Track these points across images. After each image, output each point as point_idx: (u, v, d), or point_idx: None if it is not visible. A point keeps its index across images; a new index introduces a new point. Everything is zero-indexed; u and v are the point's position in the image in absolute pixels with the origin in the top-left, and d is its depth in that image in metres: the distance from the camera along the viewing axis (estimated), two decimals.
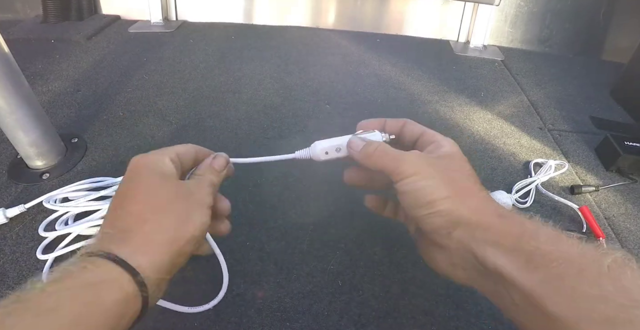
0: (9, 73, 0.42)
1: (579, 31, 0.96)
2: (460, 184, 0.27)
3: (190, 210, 0.28)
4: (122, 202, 0.27)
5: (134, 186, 0.28)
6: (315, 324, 0.35)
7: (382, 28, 1.00)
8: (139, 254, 0.24)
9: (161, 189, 0.28)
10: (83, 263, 0.22)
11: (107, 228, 0.26)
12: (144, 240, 0.25)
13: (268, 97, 0.68)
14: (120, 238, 0.25)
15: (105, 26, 0.91)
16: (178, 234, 0.27)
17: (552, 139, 0.63)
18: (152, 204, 0.27)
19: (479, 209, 0.26)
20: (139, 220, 0.26)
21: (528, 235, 0.23)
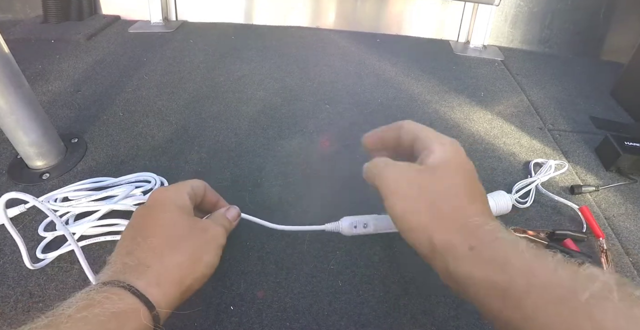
0: (9, 73, 0.42)
1: (579, 31, 0.96)
2: (441, 206, 0.26)
3: (204, 249, 0.30)
4: (142, 232, 0.29)
5: (155, 217, 0.30)
6: (315, 324, 0.35)
7: (382, 28, 1.00)
8: (154, 288, 0.26)
9: (179, 224, 0.30)
10: (106, 292, 0.24)
11: (127, 258, 0.27)
12: (160, 276, 0.27)
13: (268, 97, 0.68)
14: (139, 271, 0.26)
15: (105, 26, 0.91)
16: (190, 272, 0.29)
17: (552, 139, 0.63)
18: (170, 239, 0.29)
19: (452, 240, 0.25)
20: (157, 254, 0.28)
21: (501, 267, 0.22)
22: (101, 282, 0.25)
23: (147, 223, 0.30)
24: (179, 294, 0.27)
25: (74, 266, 0.38)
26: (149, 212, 0.31)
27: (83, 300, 0.23)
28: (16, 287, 0.36)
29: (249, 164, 0.52)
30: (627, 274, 0.42)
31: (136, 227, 0.30)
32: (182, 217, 0.31)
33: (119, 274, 0.26)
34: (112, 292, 0.24)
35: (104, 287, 0.25)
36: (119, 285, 0.25)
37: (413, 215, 0.26)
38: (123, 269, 0.27)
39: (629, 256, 0.44)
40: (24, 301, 0.35)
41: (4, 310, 0.34)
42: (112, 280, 0.25)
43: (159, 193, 0.33)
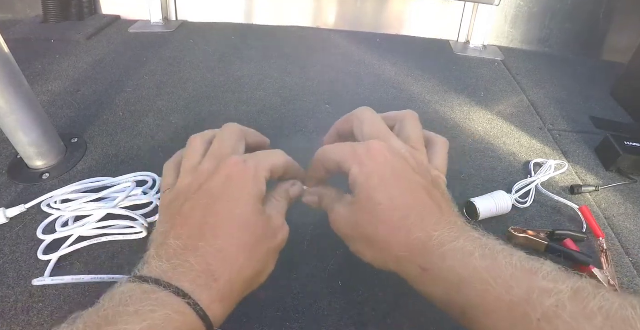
0: (9, 73, 0.42)
1: (579, 31, 0.96)
2: (376, 238, 0.25)
3: (271, 258, 0.27)
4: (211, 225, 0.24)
5: (228, 210, 0.25)
6: (315, 324, 0.35)
7: (382, 28, 1.00)
8: (218, 304, 0.23)
9: (255, 225, 0.25)
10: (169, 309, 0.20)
11: (192, 256, 0.23)
12: (226, 291, 0.23)
13: (268, 97, 0.68)
14: (206, 283, 0.22)
15: (105, 26, 0.91)
16: (253, 285, 0.26)
17: (552, 139, 0.63)
18: (243, 245, 0.24)
19: (402, 264, 0.25)
20: (227, 264, 0.23)
21: (456, 287, 0.22)
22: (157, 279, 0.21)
23: (218, 212, 0.24)
24: (233, 309, 0.25)
25: (74, 266, 0.38)
26: (222, 195, 0.25)
27: (145, 320, 0.19)
28: (16, 287, 0.36)
29: None
30: (627, 274, 0.42)
31: (204, 210, 0.24)
32: (258, 214, 0.26)
33: (180, 275, 0.22)
34: (175, 309, 0.20)
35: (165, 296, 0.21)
36: (184, 300, 0.21)
37: (366, 254, 0.27)
38: (185, 270, 0.22)
39: (629, 256, 0.44)
40: (24, 301, 0.35)
41: (4, 310, 0.34)
42: (172, 283, 0.21)
43: (236, 171, 0.26)
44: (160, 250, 0.23)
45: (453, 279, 0.22)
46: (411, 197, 0.25)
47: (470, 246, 0.23)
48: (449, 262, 0.22)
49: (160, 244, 0.24)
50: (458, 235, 0.24)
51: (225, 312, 0.23)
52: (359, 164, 0.26)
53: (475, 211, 0.45)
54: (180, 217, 0.25)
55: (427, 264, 0.23)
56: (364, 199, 0.26)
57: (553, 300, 0.19)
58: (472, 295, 0.21)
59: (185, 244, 0.23)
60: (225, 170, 0.26)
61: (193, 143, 0.30)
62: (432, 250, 0.23)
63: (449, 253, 0.23)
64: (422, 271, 0.24)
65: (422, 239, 0.24)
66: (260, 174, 0.27)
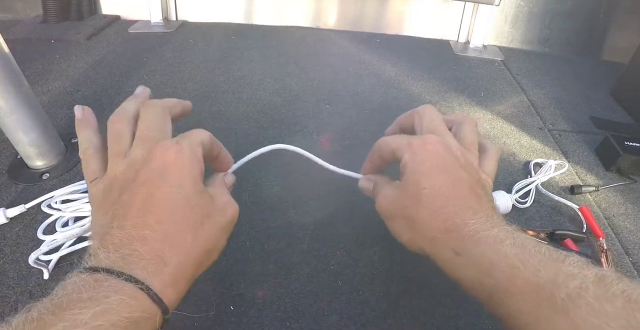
0: (9, 73, 0.42)
1: (579, 31, 0.96)
2: (418, 219, 0.27)
3: (221, 236, 0.27)
4: (154, 209, 0.24)
5: (171, 193, 0.24)
6: (315, 324, 0.35)
7: (382, 28, 1.00)
8: (170, 288, 0.23)
9: (198, 204, 0.25)
10: (123, 295, 0.20)
11: (139, 244, 0.23)
12: (177, 275, 0.23)
13: (268, 97, 0.68)
14: (156, 268, 0.23)
15: (105, 26, 0.91)
16: (204, 265, 0.26)
17: (552, 139, 0.63)
18: (189, 226, 0.24)
19: (436, 247, 0.26)
20: (174, 247, 0.23)
21: (486, 270, 0.23)
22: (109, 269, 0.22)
23: (159, 200, 0.24)
24: (187, 289, 0.25)
25: (74, 266, 0.38)
26: (161, 183, 0.24)
27: (99, 304, 0.20)
28: (16, 287, 0.36)
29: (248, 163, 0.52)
30: (627, 274, 0.42)
31: (145, 199, 0.24)
32: (201, 193, 0.26)
33: (131, 265, 0.22)
34: (129, 295, 0.21)
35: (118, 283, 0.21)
36: (137, 285, 0.21)
37: (404, 234, 0.28)
38: (135, 259, 0.22)
39: (629, 256, 0.44)
40: (24, 301, 0.35)
41: (4, 310, 0.34)
42: (123, 271, 0.22)
43: (172, 156, 0.25)
44: (105, 241, 0.23)
45: (484, 263, 0.23)
46: (454, 188, 0.27)
47: (503, 235, 0.24)
48: (481, 248, 0.24)
49: (103, 236, 0.24)
50: (492, 225, 0.25)
51: (178, 294, 0.24)
52: (412, 152, 0.28)
53: None
54: (120, 208, 0.24)
55: (460, 248, 0.25)
56: (410, 182, 0.28)
57: (577, 283, 0.20)
58: (501, 277, 0.22)
59: (130, 233, 0.23)
60: (160, 155, 0.25)
61: (115, 126, 0.29)
62: (466, 236, 0.24)
63: (481, 239, 0.24)
64: (454, 255, 0.25)
65: (459, 224, 0.25)
66: (196, 153, 0.27)
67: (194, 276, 0.25)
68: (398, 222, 0.29)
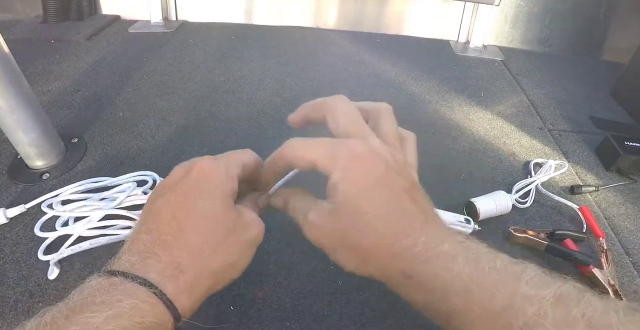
0: (9, 73, 0.42)
1: (579, 31, 0.96)
2: (360, 247, 0.24)
3: (243, 253, 0.27)
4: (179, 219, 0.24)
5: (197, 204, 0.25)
6: (315, 324, 0.35)
7: (382, 28, 1.00)
8: (185, 296, 0.23)
9: (224, 218, 0.25)
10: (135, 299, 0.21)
11: (159, 249, 0.23)
12: (194, 284, 0.24)
13: (268, 97, 0.68)
14: (172, 274, 0.23)
15: (105, 26, 0.91)
16: (222, 279, 0.26)
17: (552, 139, 0.63)
18: (211, 238, 0.25)
19: (385, 272, 0.24)
20: (194, 256, 0.24)
21: (440, 294, 0.22)
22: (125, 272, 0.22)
23: (187, 208, 0.25)
24: (203, 298, 0.25)
25: (74, 266, 0.38)
26: (191, 193, 0.25)
27: (111, 308, 0.20)
28: (16, 287, 0.36)
29: None
30: (627, 274, 0.42)
31: (174, 207, 0.25)
32: (228, 209, 0.26)
33: (148, 267, 0.22)
34: (142, 299, 0.21)
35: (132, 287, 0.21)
36: (150, 289, 0.22)
37: (348, 264, 0.26)
38: (153, 262, 0.23)
39: (629, 256, 0.44)
40: (24, 301, 0.35)
41: (4, 310, 0.34)
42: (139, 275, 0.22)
43: (207, 171, 0.26)
44: (132, 245, 0.24)
45: (436, 285, 0.22)
46: (396, 203, 0.24)
47: (454, 250, 0.22)
48: (432, 268, 0.22)
49: (133, 240, 0.24)
50: (443, 238, 0.23)
51: (193, 303, 0.24)
52: (341, 169, 0.25)
53: (475, 211, 0.45)
54: (151, 213, 0.25)
55: (411, 271, 0.23)
56: (347, 207, 0.24)
57: (535, 308, 0.19)
58: (456, 301, 0.21)
59: (154, 238, 0.24)
60: (197, 168, 0.26)
61: None
62: (416, 257, 0.23)
63: (432, 259, 0.22)
64: (405, 279, 0.23)
65: (408, 245, 0.23)
66: (231, 171, 0.27)
67: (210, 289, 0.25)
68: (340, 253, 0.26)
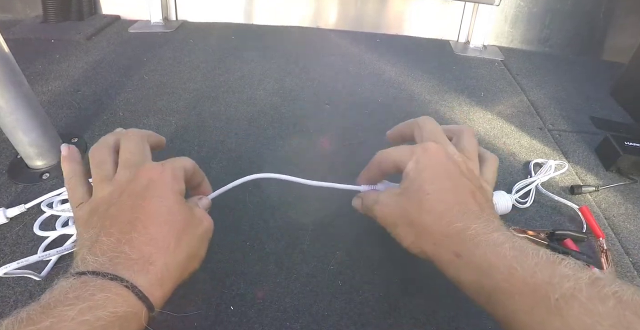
0: (9, 73, 0.42)
1: (579, 31, 0.96)
2: (421, 223, 0.28)
3: (201, 244, 0.29)
4: (141, 217, 0.26)
5: (154, 203, 0.26)
6: (315, 324, 0.35)
7: (382, 28, 1.00)
8: (157, 288, 0.24)
9: (179, 214, 0.27)
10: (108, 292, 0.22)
11: (127, 247, 0.24)
12: (163, 275, 0.25)
13: (268, 97, 0.68)
14: (142, 268, 0.24)
15: (105, 26, 0.91)
16: (187, 269, 0.27)
17: (552, 139, 0.63)
18: (173, 231, 0.26)
19: (437, 249, 0.27)
20: (160, 249, 0.25)
21: (486, 272, 0.24)
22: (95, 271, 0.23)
23: (145, 208, 0.26)
24: (172, 290, 0.26)
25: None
26: (146, 194, 0.27)
27: (85, 301, 0.21)
28: (16, 287, 0.36)
29: (249, 163, 0.52)
30: (627, 274, 0.42)
31: (132, 208, 0.26)
32: (181, 205, 0.28)
33: (117, 266, 0.23)
34: (114, 292, 0.22)
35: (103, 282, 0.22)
36: (122, 284, 0.22)
37: (407, 238, 0.29)
38: (122, 260, 0.24)
39: (629, 256, 0.44)
40: (23, 301, 0.35)
41: (4, 310, 0.34)
42: (109, 272, 0.23)
43: (156, 174, 0.28)
44: (93, 249, 0.24)
45: (483, 265, 0.24)
46: (457, 193, 0.28)
47: (502, 239, 0.25)
48: (481, 250, 0.25)
49: (91, 246, 0.25)
50: (493, 229, 0.26)
51: (164, 294, 0.25)
52: (415, 161, 0.30)
53: None
54: (107, 219, 0.26)
55: (461, 250, 0.25)
56: (414, 188, 0.29)
57: (571, 284, 0.21)
58: (499, 278, 0.23)
59: (118, 238, 0.25)
60: (145, 174, 0.28)
61: (97, 155, 0.31)
62: (467, 239, 0.25)
63: (482, 242, 0.25)
64: (455, 257, 0.26)
65: (461, 228, 0.26)
66: (177, 174, 0.29)
67: (178, 280, 0.26)
68: (401, 228, 0.29)
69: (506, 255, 0.24)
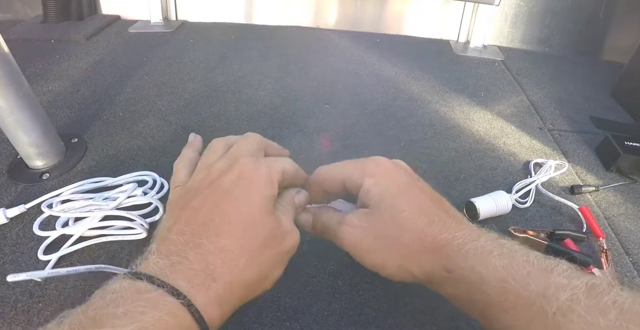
0: (9, 73, 0.42)
1: (579, 31, 0.96)
2: (403, 243, 0.25)
3: (277, 263, 0.26)
4: (216, 222, 0.23)
5: (235, 208, 0.24)
6: (315, 324, 0.35)
7: (382, 28, 1.00)
8: (215, 308, 0.21)
9: (262, 226, 0.24)
10: (161, 311, 0.19)
11: (192, 253, 0.22)
12: (225, 295, 0.22)
13: (268, 97, 0.68)
14: (202, 282, 0.21)
15: (105, 26, 0.91)
16: (255, 290, 0.24)
17: (552, 139, 0.63)
18: (248, 246, 0.23)
19: (426, 267, 0.25)
20: (228, 264, 0.22)
21: (477, 285, 0.23)
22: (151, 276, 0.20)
23: (224, 210, 0.23)
24: (233, 311, 0.23)
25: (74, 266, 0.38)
26: (231, 192, 0.24)
27: (134, 322, 0.18)
28: (16, 287, 0.36)
29: None
30: (627, 273, 0.42)
31: (212, 206, 0.24)
32: (268, 215, 0.25)
33: (176, 274, 0.21)
34: (167, 311, 0.19)
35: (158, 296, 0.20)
36: (178, 299, 0.20)
37: (389, 265, 0.26)
38: (183, 268, 0.21)
39: (629, 256, 0.44)
40: (24, 301, 0.35)
41: (4, 310, 0.34)
42: (167, 281, 0.20)
43: (248, 170, 0.25)
44: (162, 245, 0.23)
45: (474, 279, 0.23)
46: (429, 205, 0.26)
47: (490, 245, 0.23)
48: (470, 262, 0.23)
49: (162, 239, 0.23)
50: (479, 235, 0.25)
51: (222, 315, 0.22)
52: (371, 176, 0.27)
53: (475, 211, 0.45)
54: (186, 212, 0.24)
55: (451, 264, 0.24)
56: (384, 206, 0.26)
57: (568, 295, 0.20)
58: (492, 293, 0.22)
59: (187, 240, 0.22)
60: (238, 168, 0.25)
61: (214, 145, 0.30)
62: (456, 249, 0.24)
63: (470, 252, 0.23)
64: (446, 273, 0.24)
65: (447, 239, 0.24)
66: (273, 176, 0.26)
67: (241, 300, 0.24)
68: (379, 254, 0.26)
69: (497, 267, 0.22)
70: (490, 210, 0.45)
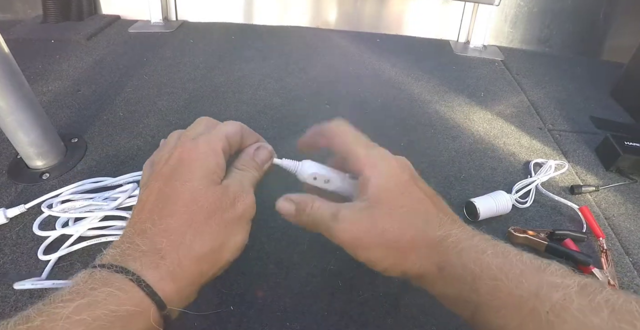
0: (9, 73, 0.42)
1: (579, 31, 0.96)
2: (398, 240, 0.25)
3: (231, 231, 0.25)
4: (160, 205, 0.24)
5: (176, 188, 0.24)
6: (315, 324, 0.35)
7: (382, 28, 1.00)
8: (168, 283, 0.22)
9: (205, 198, 0.24)
10: (111, 286, 0.20)
11: (139, 238, 0.23)
12: (176, 270, 0.23)
13: (268, 97, 0.68)
14: (152, 261, 0.22)
15: (105, 26, 0.91)
16: (212, 263, 0.25)
17: (552, 139, 0.63)
18: (192, 221, 0.24)
19: (421, 267, 0.25)
20: (174, 241, 0.23)
21: (469, 283, 0.22)
22: (104, 264, 0.21)
23: (167, 195, 0.24)
24: (196, 288, 0.24)
25: (74, 267, 0.38)
26: (170, 178, 0.25)
27: (84, 297, 0.19)
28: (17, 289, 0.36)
29: None
30: (627, 274, 0.42)
31: (155, 197, 0.24)
32: (209, 188, 0.25)
33: (126, 257, 0.22)
34: (117, 286, 0.20)
35: (108, 275, 0.21)
36: (127, 276, 0.21)
37: (384, 260, 0.26)
38: (131, 251, 0.22)
39: (629, 256, 0.44)
40: (23, 301, 0.35)
41: (4, 309, 0.34)
42: (117, 264, 0.21)
43: (185, 153, 0.25)
44: (117, 240, 0.24)
45: (467, 276, 0.23)
46: (429, 202, 0.27)
47: (484, 244, 0.24)
48: (464, 260, 0.23)
49: (120, 236, 0.24)
50: (473, 234, 0.25)
51: (179, 290, 0.23)
52: (372, 167, 0.27)
53: (475, 211, 0.45)
54: (137, 207, 0.25)
55: (444, 262, 0.24)
56: (383, 202, 0.26)
57: (561, 294, 0.20)
58: (484, 291, 0.22)
59: (134, 229, 0.24)
60: (177, 153, 0.26)
61: (168, 138, 0.29)
62: (450, 247, 0.24)
63: (464, 250, 0.23)
64: (438, 270, 0.24)
65: (443, 236, 0.24)
66: (214, 145, 0.26)
67: (203, 274, 0.24)
68: (375, 250, 0.25)
69: (490, 265, 0.22)
70: (490, 210, 0.45)
